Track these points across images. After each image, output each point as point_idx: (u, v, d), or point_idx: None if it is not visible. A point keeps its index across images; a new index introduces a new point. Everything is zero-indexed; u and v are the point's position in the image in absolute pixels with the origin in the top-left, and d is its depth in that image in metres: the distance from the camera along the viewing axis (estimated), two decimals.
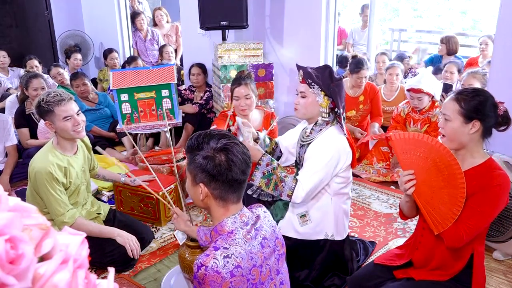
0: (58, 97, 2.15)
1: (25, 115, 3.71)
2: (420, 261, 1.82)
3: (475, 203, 1.59)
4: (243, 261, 1.20)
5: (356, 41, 6.09)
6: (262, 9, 4.29)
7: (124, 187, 2.89)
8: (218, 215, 1.32)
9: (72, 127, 2.17)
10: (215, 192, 1.28)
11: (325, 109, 2.01)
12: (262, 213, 1.39)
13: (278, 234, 1.38)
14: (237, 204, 1.32)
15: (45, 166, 2.12)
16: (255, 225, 1.31)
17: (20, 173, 3.57)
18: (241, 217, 1.31)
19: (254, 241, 1.27)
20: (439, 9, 10.45)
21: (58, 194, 2.15)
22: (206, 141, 1.27)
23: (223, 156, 1.24)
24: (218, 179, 1.25)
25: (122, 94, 3.28)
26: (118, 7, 5.69)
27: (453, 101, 1.64)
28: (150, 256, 2.55)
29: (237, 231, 1.26)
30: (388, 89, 4.12)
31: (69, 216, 2.17)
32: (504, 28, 2.84)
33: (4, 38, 5.40)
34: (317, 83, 1.97)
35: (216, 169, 1.24)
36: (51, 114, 2.15)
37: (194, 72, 4.34)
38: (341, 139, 2.03)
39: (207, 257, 1.17)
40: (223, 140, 1.26)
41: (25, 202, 0.54)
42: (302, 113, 2.07)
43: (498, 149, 2.53)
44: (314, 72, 1.99)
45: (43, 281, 0.49)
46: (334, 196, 2.10)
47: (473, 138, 1.63)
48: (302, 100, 2.04)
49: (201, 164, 1.25)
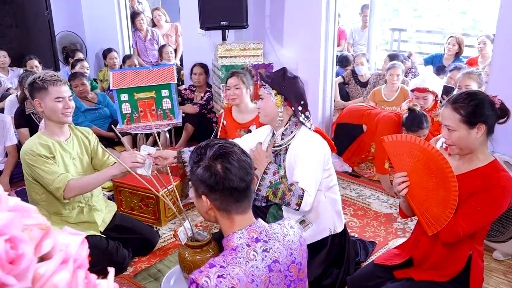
0: (55, 77, 2.15)
1: (25, 115, 3.71)
2: (419, 258, 1.83)
3: (476, 202, 1.59)
4: (240, 283, 1.11)
5: (356, 41, 6.09)
6: (262, 9, 4.28)
7: (124, 187, 2.89)
8: (225, 228, 1.25)
9: (62, 109, 2.14)
10: (216, 203, 1.22)
11: (281, 108, 2.02)
12: (287, 230, 1.28)
13: (296, 258, 1.26)
14: (243, 215, 1.24)
15: (29, 147, 2.12)
16: (267, 243, 1.21)
17: (20, 173, 3.53)
18: (250, 232, 1.21)
19: (261, 262, 1.17)
20: (439, 9, 10.45)
21: (45, 166, 2.10)
22: (204, 151, 1.23)
23: (218, 164, 1.19)
24: (216, 189, 1.19)
25: (122, 94, 3.28)
26: (118, 7, 5.69)
27: (451, 111, 1.62)
28: (150, 256, 2.55)
29: (241, 249, 1.17)
30: (388, 89, 4.12)
31: (59, 180, 2.09)
32: (504, 28, 2.84)
33: (4, 38, 5.39)
34: (267, 82, 2.01)
35: (212, 178, 1.19)
36: (44, 92, 2.12)
37: (196, 71, 4.35)
38: (313, 134, 2.05)
39: (200, 274, 1.10)
40: (219, 148, 1.22)
41: (25, 201, 0.54)
42: (263, 115, 2.08)
43: (498, 149, 2.53)
44: (266, 73, 2.05)
45: (43, 281, 0.49)
46: (326, 191, 2.13)
47: (480, 140, 1.64)
48: (262, 103, 2.06)
49: (199, 175, 1.21)
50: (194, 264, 1.79)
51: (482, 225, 1.63)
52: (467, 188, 1.65)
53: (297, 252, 1.27)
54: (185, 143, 4.24)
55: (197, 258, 1.80)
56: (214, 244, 1.88)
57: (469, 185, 1.64)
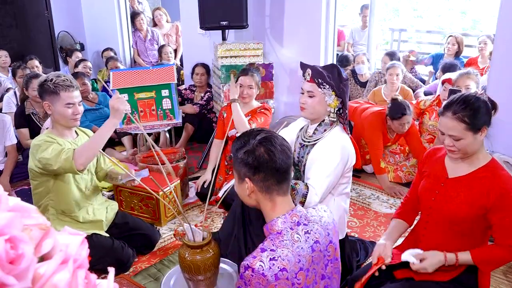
0: (68, 82, 2.11)
1: (25, 115, 3.71)
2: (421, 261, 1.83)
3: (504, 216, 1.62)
4: (289, 264, 1.20)
5: (356, 41, 6.08)
6: (262, 9, 4.28)
7: (124, 187, 2.89)
8: (267, 209, 1.33)
9: (72, 115, 2.13)
10: (259, 184, 1.30)
11: (333, 109, 1.99)
12: (322, 213, 1.39)
13: (332, 238, 1.36)
14: (283, 197, 1.33)
15: (42, 138, 2.09)
16: (307, 226, 1.30)
17: (20, 173, 3.56)
18: (292, 217, 1.30)
19: (305, 243, 1.26)
20: (439, 9, 10.45)
21: (51, 147, 2.04)
22: (246, 139, 1.32)
23: (262, 148, 1.29)
24: (260, 170, 1.28)
25: (122, 94, 3.28)
26: (118, 7, 5.69)
27: (454, 121, 1.60)
28: (150, 256, 2.55)
29: (286, 232, 1.26)
30: (388, 89, 4.12)
31: (65, 152, 2.02)
32: (504, 28, 2.84)
33: (4, 38, 5.40)
34: (329, 84, 1.94)
35: (257, 160, 1.28)
36: (55, 96, 2.09)
37: (198, 71, 4.35)
38: (346, 139, 2.01)
39: (254, 259, 1.18)
40: (262, 134, 1.32)
41: (25, 202, 0.54)
42: (309, 112, 2.02)
43: (498, 149, 2.53)
44: (324, 71, 1.96)
45: (43, 281, 0.49)
46: (337, 197, 2.10)
47: (482, 141, 1.65)
48: (310, 99, 1.99)
49: (243, 159, 1.30)
50: (194, 264, 1.79)
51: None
52: (471, 190, 1.66)
53: (332, 233, 1.37)
54: (185, 143, 4.24)
55: (197, 258, 1.80)
56: (214, 244, 1.88)
57: (473, 186, 1.65)
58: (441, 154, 1.83)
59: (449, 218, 1.70)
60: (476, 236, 1.69)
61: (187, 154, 3.79)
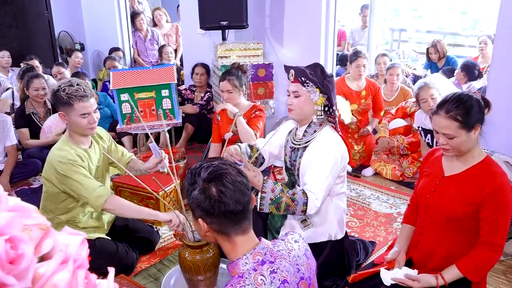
0: (81, 92, 2.04)
1: (25, 115, 3.71)
2: (420, 260, 1.83)
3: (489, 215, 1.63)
4: None
5: (356, 41, 6.08)
6: (262, 9, 4.28)
7: (124, 187, 2.89)
8: (227, 250, 1.22)
9: (88, 124, 2.08)
10: (213, 226, 1.18)
11: (319, 107, 1.99)
12: (291, 245, 1.25)
13: (304, 274, 1.22)
14: (244, 236, 1.19)
15: (66, 155, 2.04)
16: (273, 263, 1.17)
17: (20, 173, 3.57)
18: (255, 256, 1.17)
19: (270, 286, 1.13)
20: (439, 9, 10.45)
21: (82, 176, 2.04)
22: (198, 172, 1.19)
23: (213, 188, 1.15)
24: (212, 213, 1.15)
25: (122, 94, 3.28)
26: (118, 7, 5.69)
27: (447, 119, 1.62)
28: (150, 256, 2.55)
29: (248, 275, 1.13)
30: (388, 89, 4.12)
31: (101, 190, 2.05)
32: (504, 28, 2.84)
33: (4, 38, 5.40)
34: (312, 80, 1.94)
35: (207, 202, 1.15)
36: (69, 107, 2.04)
37: (198, 71, 4.35)
38: (337, 138, 2.01)
39: None
40: (214, 169, 1.18)
41: (25, 202, 0.54)
42: (297, 113, 2.02)
43: (498, 149, 2.53)
44: (307, 70, 1.96)
45: (43, 281, 0.49)
46: (334, 197, 2.10)
47: (476, 139, 1.67)
48: (296, 100, 1.99)
49: (194, 198, 1.17)
50: (194, 264, 1.79)
51: (507, 229, 1.67)
52: (465, 187, 1.67)
53: (304, 267, 1.23)
54: (185, 143, 4.24)
55: (197, 258, 1.80)
56: (214, 244, 1.88)
57: (468, 183, 1.67)
58: (439, 153, 1.84)
59: (445, 215, 1.72)
60: (473, 233, 1.69)
61: (187, 154, 3.79)
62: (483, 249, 1.65)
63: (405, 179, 3.55)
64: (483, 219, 1.64)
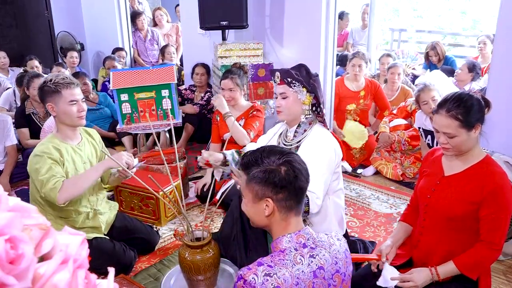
0: (68, 79, 2.08)
1: (25, 115, 3.72)
2: (421, 259, 1.83)
3: (490, 212, 1.63)
4: (285, 284, 1.15)
5: (356, 41, 6.09)
6: (262, 9, 4.28)
7: (124, 187, 2.89)
8: (279, 229, 1.29)
9: (77, 112, 2.10)
10: (282, 203, 1.26)
11: (307, 106, 2.01)
12: (333, 241, 1.33)
13: (340, 268, 1.29)
14: (297, 218, 1.30)
15: (40, 149, 2.05)
16: (314, 249, 1.25)
17: (20, 173, 3.56)
18: (298, 237, 1.26)
19: (307, 267, 1.21)
20: (439, 9, 10.45)
21: (47, 166, 2.00)
22: (265, 155, 1.28)
23: (287, 166, 1.25)
24: (287, 188, 1.24)
25: (122, 94, 3.28)
26: (118, 7, 5.69)
27: (448, 118, 1.63)
28: (150, 256, 2.55)
29: (289, 252, 1.22)
30: (389, 88, 4.12)
31: (55, 181, 1.99)
32: (504, 28, 2.84)
33: (4, 38, 5.40)
34: (298, 80, 1.97)
35: (283, 177, 1.24)
36: (57, 95, 2.06)
37: (198, 71, 4.35)
38: (328, 134, 2.04)
39: (248, 271, 1.16)
40: (283, 153, 1.28)
41: (25, 202, 0.54)
42: (286, 114, 2.05)
43: (498, 149, 2.53)
44: (292, 71, 1.99)
45: (43, 281, 0.49)
46: (332, 195, 2.11)
47: (476, 138, 1.67)
48: (284, 101, 2.02)
49: (266, 178, 1.25)
50: (194, 264, 1.79)
51: (506, 228, 1.67)
52: (465, 187, 1.67)
53: (342, 263, 1.30)
54: (185, 143, 4.24)
55: (197, 258, 1.80)
56: (214, 244, 1.88)
57: (468, 182, 1.67)
58: (439, 153, 1.85)
59: (445, 215, 1.72)
60: (474, 233, 1.70)
61: (187, 154, 3.79)
62: (482, 247, 1.66)
63: (406, 179, 3.55)
64: (483, 218, 1.64)
